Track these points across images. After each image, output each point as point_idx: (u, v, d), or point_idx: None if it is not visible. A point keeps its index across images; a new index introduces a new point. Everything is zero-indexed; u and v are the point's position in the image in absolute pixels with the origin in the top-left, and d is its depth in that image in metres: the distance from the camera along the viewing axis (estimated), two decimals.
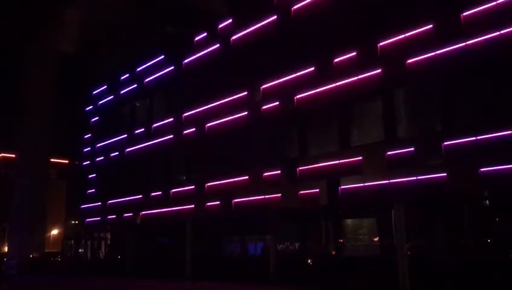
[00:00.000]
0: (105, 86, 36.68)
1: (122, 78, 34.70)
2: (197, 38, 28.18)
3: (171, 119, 28.77)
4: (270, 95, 22.58)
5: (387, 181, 17.21)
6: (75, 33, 51.91)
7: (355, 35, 19.34)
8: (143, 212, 29.42)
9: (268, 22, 23.41)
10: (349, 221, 20.85)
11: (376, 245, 19.11)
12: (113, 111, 35.32)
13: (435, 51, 16.62)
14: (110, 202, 32.90)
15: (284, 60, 22.22)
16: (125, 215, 30.66)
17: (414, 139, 17.01)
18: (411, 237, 17.33)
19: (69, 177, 53.08)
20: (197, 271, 25.66)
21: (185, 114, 27.76)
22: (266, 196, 21.63)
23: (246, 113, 23.65)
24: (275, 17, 23.12)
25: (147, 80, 31.71)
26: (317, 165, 19.88)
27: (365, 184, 17.90)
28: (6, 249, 47.83)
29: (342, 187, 18.66)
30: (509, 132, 14.52)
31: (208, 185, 25.31)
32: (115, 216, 31.77)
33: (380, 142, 18.04)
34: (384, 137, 18.16)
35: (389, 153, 17.41)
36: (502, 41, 15.09)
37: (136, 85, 32.73)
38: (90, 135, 37.66)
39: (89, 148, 37.08)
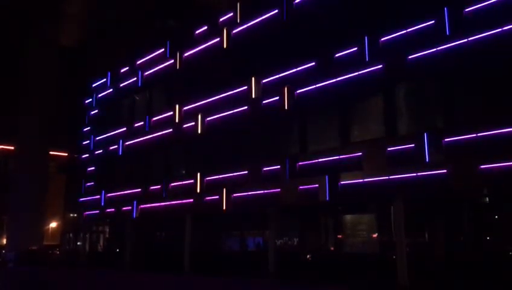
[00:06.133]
0: (105, 79, 36.54)
1: (121, 71, 34.58)
2: (197, 32, 28.04)
3: (171, 112, 28.68)
4: (270, 89, 22.50)
5: (387, 177, 17.16)
6: (76, 26, 51.71)
7: (357, 31, 19.24)
8: (142, 206, 29.36)
9: (269, 16, 23.29)
10: (348, 217, 20.78)
11: (375, 241, 19.07)
12: (113, 104, 35.20)
13: (436, 47, 16.55)
14: (108, 195, 32.85)
15: (284, 55, 22.13)
16: (124, 208, 30.60)
17: (414, 135, 16.94)
18: (410, 234, 17.31)
19: (68, 170, 52.99)
20: (195, 265, 25.67)
21: (185, 108, 27.67)
22: (265, 191, 21.57)
23: (246, 107, 23.56)
24: (276, 11, 22.99)
25: (146, 73, 31.59)
26: (317, 160, 19.84)
27: (365, 180, 17.87)
28: (4, 241, 47.82)
29: (342, 183, 18.61)
30: (510, 129, 14.47)
31: (207, 179, 25.26)
32: (113, 209, 31.73)
33: (380, 138, 18.02)
34: (384, 133, 18.15)
35: (389, 149, 17.37)
36: (503, 38, 15.00)
37: (135, 78, 32.61)
38: (89, 127, 37.55)
39: (88, 141, 36.97)
